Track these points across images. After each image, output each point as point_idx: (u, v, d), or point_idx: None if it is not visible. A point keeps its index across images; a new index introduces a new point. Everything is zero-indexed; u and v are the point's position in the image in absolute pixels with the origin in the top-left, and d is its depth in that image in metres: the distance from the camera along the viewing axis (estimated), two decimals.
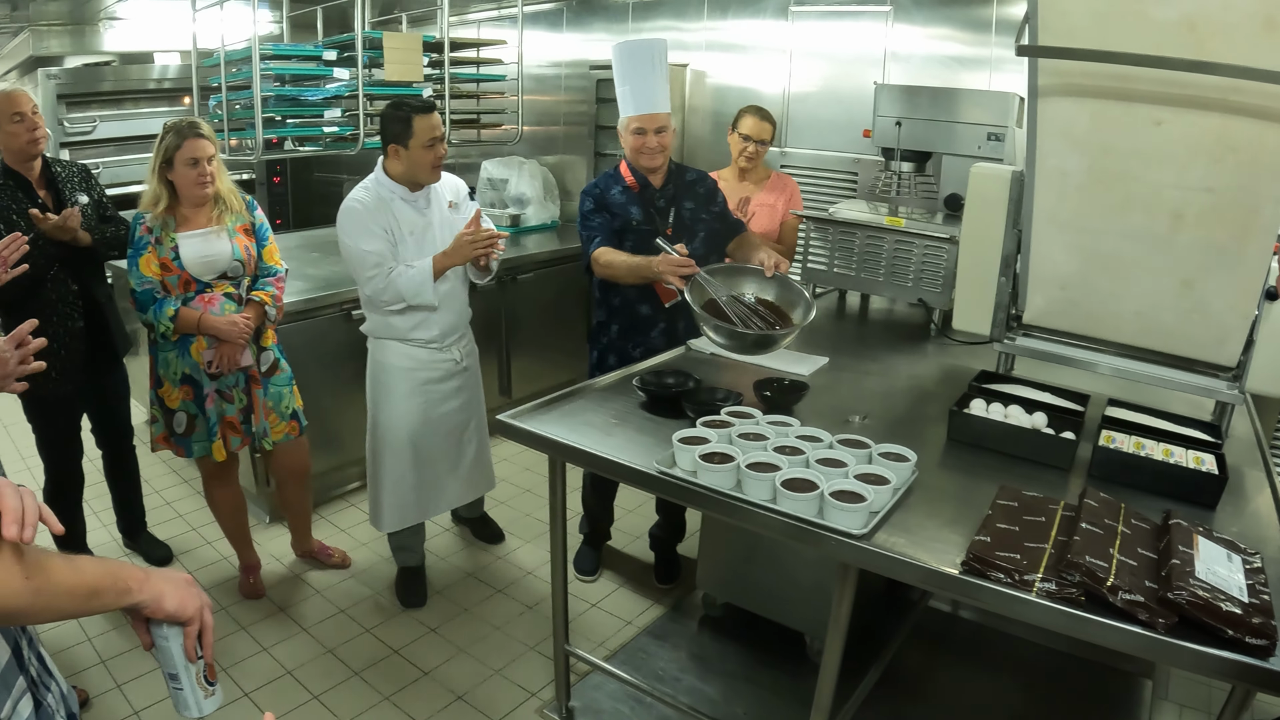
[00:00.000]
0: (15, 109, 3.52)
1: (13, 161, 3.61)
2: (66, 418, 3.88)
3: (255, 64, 4.79)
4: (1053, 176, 2.82)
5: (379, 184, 3.67)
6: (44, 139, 3.64)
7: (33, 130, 3.58)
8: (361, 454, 4.26)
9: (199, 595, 1.49)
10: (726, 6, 5.97)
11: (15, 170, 3.62)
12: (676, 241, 3.57)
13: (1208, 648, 1.74)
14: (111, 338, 3.95)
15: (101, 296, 3.88)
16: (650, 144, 3.71)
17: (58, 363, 3.62)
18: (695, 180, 3.94)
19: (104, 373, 3.97)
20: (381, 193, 3.65)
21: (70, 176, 3.83)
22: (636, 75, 3.68)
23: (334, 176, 9.07)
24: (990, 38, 4.83)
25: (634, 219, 3.79)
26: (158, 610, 1.42)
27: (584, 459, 2.70)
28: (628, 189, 3.82)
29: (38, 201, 3.63)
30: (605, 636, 3.80)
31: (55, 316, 3.64)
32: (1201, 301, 2.72)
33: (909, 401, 3.17)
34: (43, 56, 7.68)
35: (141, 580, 1.41)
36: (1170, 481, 2.41)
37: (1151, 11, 2.37)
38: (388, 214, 3.62)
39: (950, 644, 3.74)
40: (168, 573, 1.48)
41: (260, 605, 4.01)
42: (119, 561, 1.43)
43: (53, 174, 3.75)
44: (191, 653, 1.47)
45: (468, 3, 7.42)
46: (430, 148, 3.58)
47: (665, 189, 3.84)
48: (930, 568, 2.02)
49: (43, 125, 3.64)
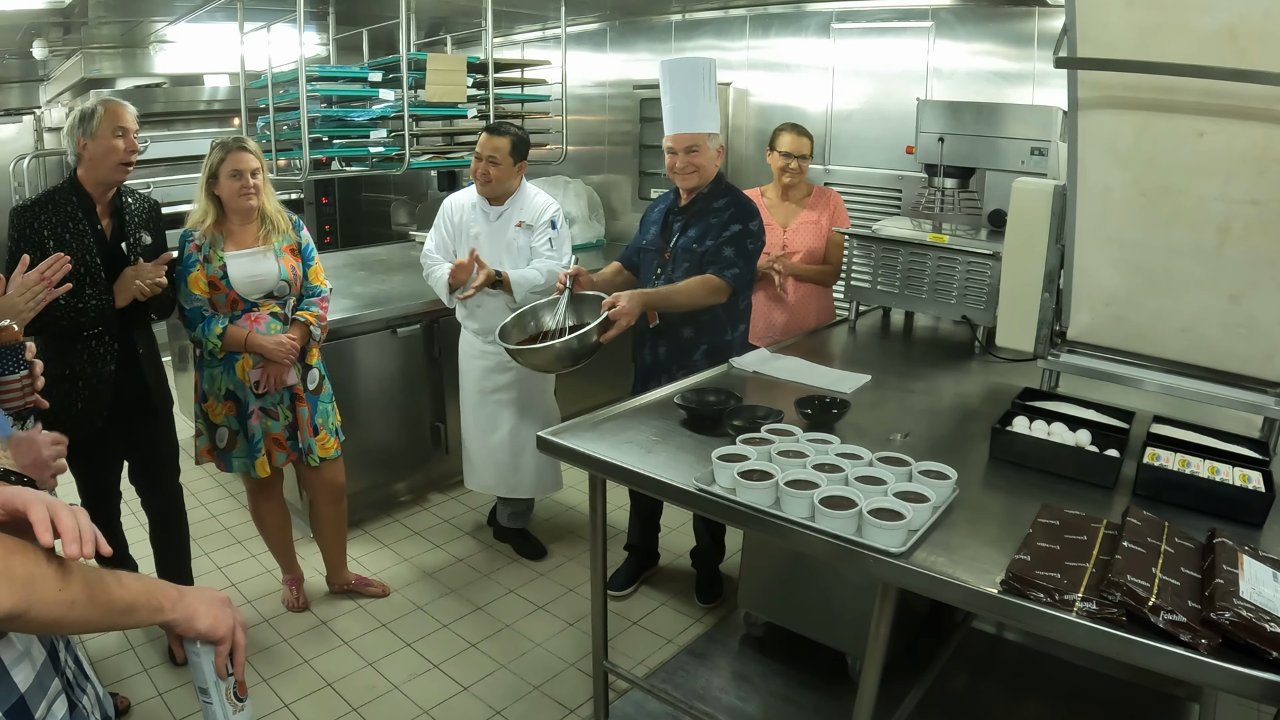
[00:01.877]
0: (121, 123, 3.28)
1: (94, 178, 3.32)
2: (99, 464, 3.54)
3: (302, 85, 4.86)
4: (1096, 191, 2.79)
5: (473, 189, 4.22)
6: (133, 164, 3.36)
7: (130, 152, 3.32)
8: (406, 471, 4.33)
9: (232, 615, 1.50)
10: (769, 25, 5.98)
11: (86, 190, 3.33)
12: (669, 267, 3.75)
13: (1252, 670, 1.70)
14: (146, 388, 3.56)
15: (140, 344, 3.52)
16: (678, 164, 3.67)
17: (80, 403, 3.37)
18: (720, 208, 3.72)
19: (137, 422, 3.59)
20: (470, 195, 4.25)
21: (140, 211, 3.51)
22: (678, 93, 3.68)
23: (381, 196, 9.18)
24: (1033, 52, 4.79)
25: (646, 237, 3.91)
26: (189, 629, 1.44)
27: (624, 476, 2.70)
28: (674, 204, 3.86)
29: (97, 228, 3.35)
30: (646, 654, 3.79)
31: (88, 356, 3.36)
32: (1249, 316, 2.67)
33: (952, 420, 3.15)
34: (95, 79, 7.83)
35: (175, 599, 1.43)
36: (1216, 499, 2.36)
37: (1192, 21, 2.34)
38: (464, 215, 4.22)
39: (994, 666, 3.69)
40: (203, 592, 1.50)
41: (303, 618, 4.04)
42: (156, 580, 1.45)
43: (121, 204, 3.45)
44: (223, 670, 1.48)
45: (512, 24, 7.49)
46: (478, 158, 4.07)
47: (686, 210, 3.78)
48: (969, 587, 1.99)
49: (139, 149, 3.37)
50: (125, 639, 3.76)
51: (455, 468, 5.23)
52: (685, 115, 3.67)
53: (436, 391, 5.11)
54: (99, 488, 3.59)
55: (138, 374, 3.51)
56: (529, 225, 4.14)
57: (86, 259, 3.27)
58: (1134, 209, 2.73)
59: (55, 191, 3.32)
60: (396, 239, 7.54)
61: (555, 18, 6.26)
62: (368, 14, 6.38)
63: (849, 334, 4.27)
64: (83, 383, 3.37)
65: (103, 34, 7.49)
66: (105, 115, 3.24)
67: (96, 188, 3.35)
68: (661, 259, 3.74)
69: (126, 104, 3.33)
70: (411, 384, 5.03)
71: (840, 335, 4.25)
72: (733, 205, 3.73)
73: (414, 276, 5.44)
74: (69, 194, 3.31)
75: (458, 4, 6.51)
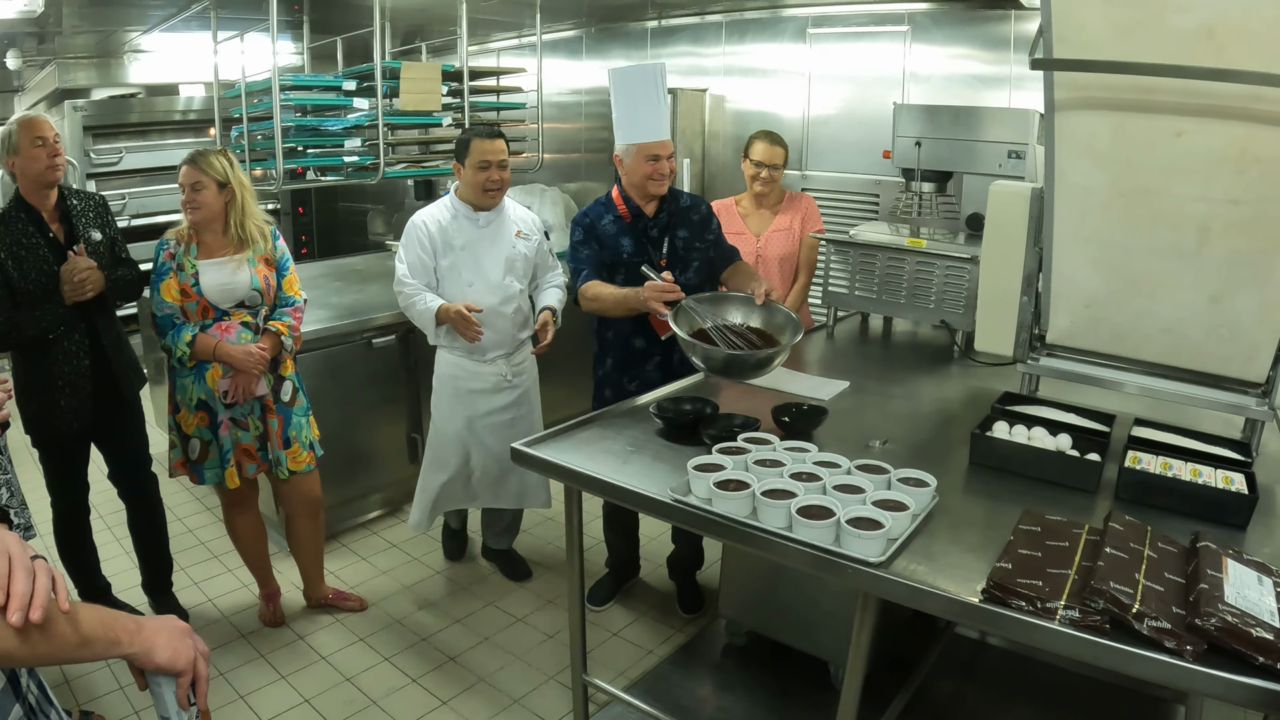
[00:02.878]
0: (37, 133, 3.47)
1: (29, 188, 3.52)
2: (73, 456, 3.76)
3: (275, 94, 4.82)
4: (1074, 193, 2.76)
5: (447, 200, 3.96)
6: (62, 166, 3.58)
7: (53, 156, 3.51)
8: (384, 484, 4.26)
9: (193, 646, 1.46)
10: (745, 31, 5.98)
11: (29, 203, 3.53)
12: (671, 271, 3.55)
13: (1238, 675, 1.67)
14: (115, 380, 3.74)
15: (109, 338, 3.72)
16: (663, 169, 3.63)
17: (64, 401, 3.59)
18: (689, 207, 3.86)
19: (112, 414, 3.78)
20: (443, 210, 3.94)
21: (86, 210, 3.69)
22: (643, 102, 3.61)
23: (358, 206, 9.14)
24: (1009, 55, 4.80)
25: (625, 251, 3.71)
26: (148, 663, 1.40)
27: (599, 487, 2.66)
28: (619, 219, 3.74)
29: (49, 236, 3.53)
30: (626, 666, 3.75)
31: (61, 356, 3.56)
32: (1230, 316, 2.65)
33: (931, 425, 3.12)
34: (69, 89, 7.81)
35: (133, 633, 1.39)
36: (1199, 502, 2.34)
37: (1169, 20, 2.32)
38: (442, 229, 3.89)
39: (979, 671, 3.67)
40: (164, 622, 1.45)
41: (279, 633, 3.99)
42: (114, 612, 1.40)
43: (67, 207, 3.63)
44: (183, 701, 1.44)
45: (488, 32, 7.47)
46: (482, 170, 3.79)
47: (659, 217, 3.76)
48: (951, 596, 1.96)
49: (63, 153, 3.59)
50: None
51: None
52: (655, 124, 3.63)
53: (413, 403, 5.06)
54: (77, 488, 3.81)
55: (107, 365, 3.70)
56: (526, 235, 4.02)
57: (44, 268, 3.47)
58: (1113, 210, 2.71)
59: (4, 212, 3.51)
60: (373, 248, 7.49)
61: (531, 25, 6.22)
62: (342, 22, 6.34)
63: (827, 340, 4.24)
64: (62, 382, 3.57)
65: (77, 44, 7.46)
66: (21, 130, 3.46)
67: (37, 197, 3.54)
68: (657, 268, 3.56)
69: (41, 115, 3.58)
70: (387, 395, 4.98)
71: (818, 341, 4.22)
72: (694, 203, 3.92)
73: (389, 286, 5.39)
74: (17, 211, 3.51)
75: (433, 12, 6.49)
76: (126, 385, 3.80)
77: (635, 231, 3.73)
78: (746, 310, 3.44)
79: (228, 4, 5.56)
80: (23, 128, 3.46)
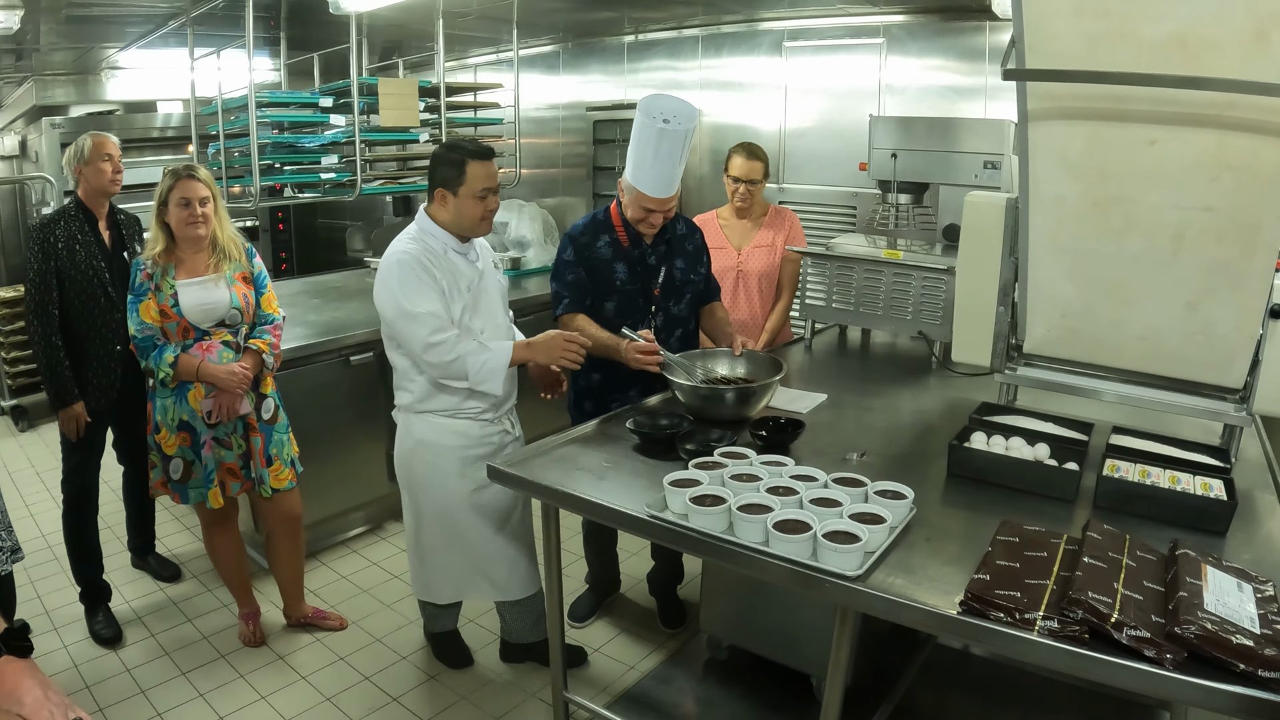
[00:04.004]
0: (107, 150, 3.90)
1: (90, 195, 3.94)
2: (92, 434, 3.97)
3: (251, 111, 4.80)
4: (1049, 202, 2.77)
5: (426, 233, 3.28)
6: (121, 182, 3.99)
7: (116, 172, 3.94)
8: (363, 501, 4.20)
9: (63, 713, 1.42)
10: (721, 45, 5.99)
11: (87, 207, 3.94)
12: (665, 302, 3.64)
13: (1218, 683, 1.67)
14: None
15: None
16: (655, 220, 3.54)
17: (94, 379, 3.90)
18: (685, 235, 3.78)
19: (136, 397, 3.91)
20: (431, 243, 3.26)
21: (131, 225, 4.14)
22: (664, 158, 3.40)
23: (337, 223, 9.11)
24: (984, 66, 4.81)
25: (619, 278, 3.60)
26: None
27: (576, 504, 2.65)
28: (616, 242, 3.62)
29: (100, 238, 3.93)
30: (607, 682, 3.71)
31: (97, 339, 3.88)
32: (1206, 323, 2.66)
33: (909, 437, 3.12)
34: (47, 105, 7.77)
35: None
36: (1178, 509, 2.35)
37: (1141, 30, 2.33)
38: (440, 269, 3.22)
39: (962, 681, 3.65)
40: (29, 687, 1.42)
41: (260, 653, 3.94)
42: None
43: (117, 219, 4.06)
44: None
45: (465, 48, 7.46)
46: (482, 199, 3.24)
47: (656, 246, 3.67)
48: (929, 609, 1.96)
49: (123, 170, 4.01)
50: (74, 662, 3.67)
51: None
52: (667, 182, 3.45)
53: (391, 420, 5.00)
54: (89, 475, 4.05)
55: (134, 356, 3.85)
56: (497, 263, 3.58)
57: (94, 264, 3.85)
58: (1087, 219, 2.71)
59: (64, 210, 3.92)
60: (352, 265, 7.46)
61: (508, 41, 6.22)
62: (319, 39, 6.32)
63: (805, 353, 4.24)
64: (96, 364, 3.90)
65: (55, 60, 7.42)
66: (94, 146, 3.88)
67: (95, 204, 3.96)
68: (649, 295, 3.60)
69: (111, 136, 3.97)
70: (367, 412, 4.94)
71: (796, 354, 4.22)
72: (690, 231, 3.85)
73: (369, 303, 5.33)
74: (76, 211, 3.92)
75: (410, 28, 6.47)
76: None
77: (631, 258, 3.62)
78: (730, 363, 3.48)
79: (205, 21, 5.53)
80: (95, 144, 3.88)
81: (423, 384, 3.33)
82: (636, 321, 3.59)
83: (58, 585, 4.30)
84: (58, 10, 5.32)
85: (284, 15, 6.04)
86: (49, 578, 4.43)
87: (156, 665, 3.80)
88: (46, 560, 4.04)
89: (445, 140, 3.34)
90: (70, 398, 3.81)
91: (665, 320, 3.71)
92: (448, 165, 3.23)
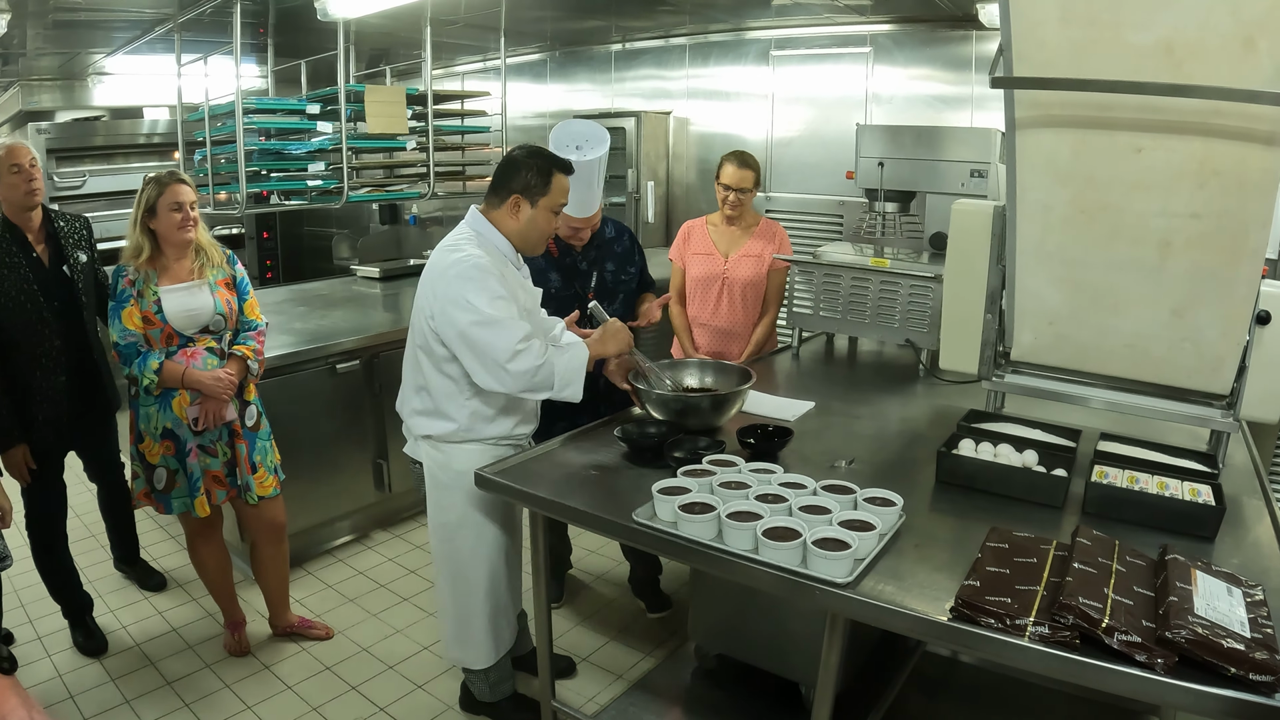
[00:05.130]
0: (14, 160, 3.58)
1: (11, 213, 3.66)
2: (48, 467, 3.84)
3: (239, 118, 4.79)
4: (1036, 210, 2.77)
5: (489, 238, 3.01)
6: (40, 192, 3.70)
7: (30, 182, 3.63)
8: (349, 510, 4.16)
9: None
10: (708, 54, 6.00)
11: (13, 223, 3.66)
12: (605, 302, 3.65)
13: (1209, 687, 1.67)
14: (104, 393, 3.98)
15: (95, 353, 3.91)
16: (583, 235, 3.70)
17: (40, 414, 3.71)
18: (614, 239, 3.89)
19: (94, 425, 3.98)
20: (487, 248, 2.97)
21: (72, 232, 3.88)
22: (584, 182, 3.39)
23: (323, 231, 9.09)
24: (971, 75, 4.84)
25: (553, 286, 3.64)
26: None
27: (565, 512, 2.65)
28: (547, 253, 3.66)
29: (32, 255, 3.68)
30: (595, 692, 3.71)
31: (39, 371, 3.68)
32: (1193, 330, 2.67)
33: (897, 444, 3.12)
34: (33, 111, 7.74)
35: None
36: (1166, 515, 2.36)
37: (1128, 37, 2.34)
38: (504, 280, 2.94)
39: (951, 688, 3.64)
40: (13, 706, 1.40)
41: (245, 663, 3.91)
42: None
43: (54, 228, 3.80)
44: None
45: (453, 56, 7.46)
46: (556, 215, 3.06)
47: (587, 252, 3.77)
48: (919, 615, 1.95)
49: (40, 178, 3.70)
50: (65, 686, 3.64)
51: (399, 506, 5.18)
52: (587, 202, 3.55)
53: (378, 428, 5.00)
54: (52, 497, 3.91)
55: (94, 382, 3.91)
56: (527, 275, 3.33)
57: (26, 288, 3.61)
58: (1074, 227, 2.72)
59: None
60: (338, 273, 7.44)
61: (495, 49, 6.22)
62: (307, 46, 6.32)
63: (792, 360, 4.24)
64: (40, 397, 3.70)
65: (41, 66, 7.40)
66: (2, 157, 3.57)
67: (20, 219, 3.68)
68: (583, 298, 3.63)
69: (17, 142, 3.69)
70: (353, 421, 4.92)
71: (784, 362, 4.22)
72: (619, 233, 3.95)
73: (355, 311, 5.36)
74: (2, 230, 3.63)
75: (398, 36, 6.47)
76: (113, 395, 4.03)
77: (563, 266, 3.74)
78: (699, 373, 3.47)
79: (192, 27, 5.53)
80: (3, 155, 3.57)
81: (475, 407, 3.03)
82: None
83: (41, 594, 4.27)
84: (45, 15, 5.31)
85: (271, 22, 6.04)
86: (32, 586, 4.39)
87: (141, 675, 3.77)
88: (30, 569, 4.01)
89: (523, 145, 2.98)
90: (10, 441, 3.61)
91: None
92: (533, 172, 2.96)
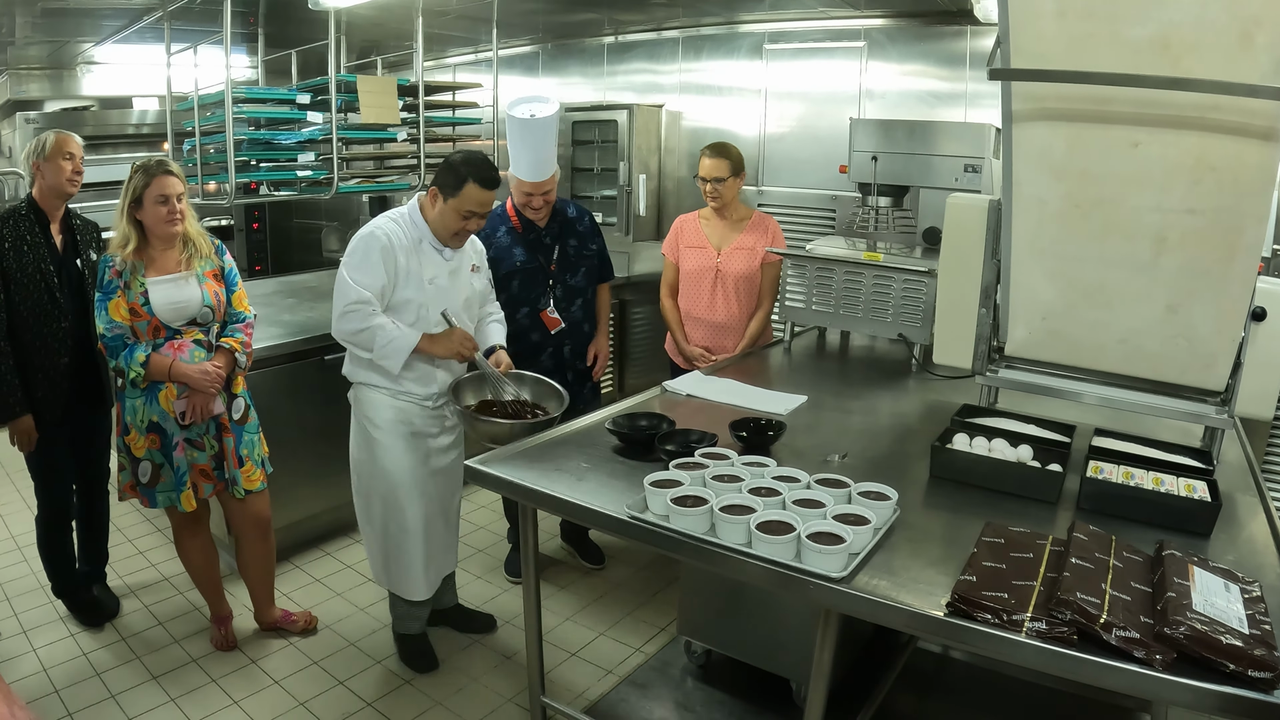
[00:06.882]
0: (68, 149, 3.78)
1: (45, 194, 3.80)
2: (54, 450, 3.89)
3: (228, 108, 4.74)
4: (1031, 204, 2.76)
5: (413, 221, 3.47)
6: (79, 183, 3.87)
7: (75, 173, 3.82)
8: (337, 503, 4.12)
9: None
10: (701, 47, 5.97)
11: (40, 208, 3.80)
12: (562, 275, 4.16)
13: (1208, 684, 1.67)
14: (101, 386, 3.98)
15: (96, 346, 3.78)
16: (535, 203, 4.02)
17: (40, 392, 3.75)
18: (576, 218, 4.27)
19: (90, 412, 3.99)
20: (412, 231, 3.45)
21: (87, 232, 4.01)
22: (533, 146, 3.91)
23: (313, 223, 9.03)
24: (965, 71, 4.82)
25: (519, 260, 4.10)
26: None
27: (555, 505, 2.62)
28: (513, 229, 4.12)
29: (51, 242, 3.80)
30: (585, 687, 3.69)
31: (43, 349, 3.74)
32: (1187, 325, 2.66)
33: (891, 439, 3.11)
34: (21, 100, 7.68)
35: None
36: (1162, 511, 2.35)
37: (1125, 31, 2.32)
38: (409, 255, 3.41)
39: (942, 685, 3.64)
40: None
41: (231, 657, 3.88)
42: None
43: (72, 224, 3.93)
44: None
45: (444, 47, 7.42)
46: (465, 219, 3.39)
47: (550, 228, 4.16)
48: (914, 611, 1.94)
49: (84, 172, 3.90)
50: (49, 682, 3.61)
51: None
52: (538, 166, 3.94)
53: None
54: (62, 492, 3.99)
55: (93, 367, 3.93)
56: (478, 267, 3.74)
57: (43, 267, 3.72)
58: (1069, 221, 2.70)
59: (15, 209, 3.77)
60: (328, 265, 7.39)
61: (487, 41, 6.18)
62: (297, 36, 6.27)
63: (784, 355, 4.23)
64: (42, 375, 3.75)
65: (29, 55, 7.35)
66: (56, 142, 3.75)
67: (49, 204, 3.82)
68: (547, 272, 4.13)
69: (74, 135, 3.86)
70: (341, 413, 4.86)
71: (776, 356, 4.20)
72: (580, 214, 4.34)
73: None
74: (27, 211, 3.77)
75: (389, 27, 6.43)
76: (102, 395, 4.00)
77: (528, 241, 4.13)
78: (515, 388, 3.60)
79: (181, 16, 5.47)
80: (57, 141, 3.76)
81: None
82: (539, 294, 4.14)
83: (27, 587, 4.23)
84: (34, 3, 5.26)
85: (262, 11, 6.00)
86: (18, 579, 4.35)
87: (127, 669, 3.73)
88: (16, 562, 3.97)
89: (466, 150, 3.55)
90: (18, 409, 3.69)
91: (564, 291, 4.20)
92: (451, 173, 3.37)
